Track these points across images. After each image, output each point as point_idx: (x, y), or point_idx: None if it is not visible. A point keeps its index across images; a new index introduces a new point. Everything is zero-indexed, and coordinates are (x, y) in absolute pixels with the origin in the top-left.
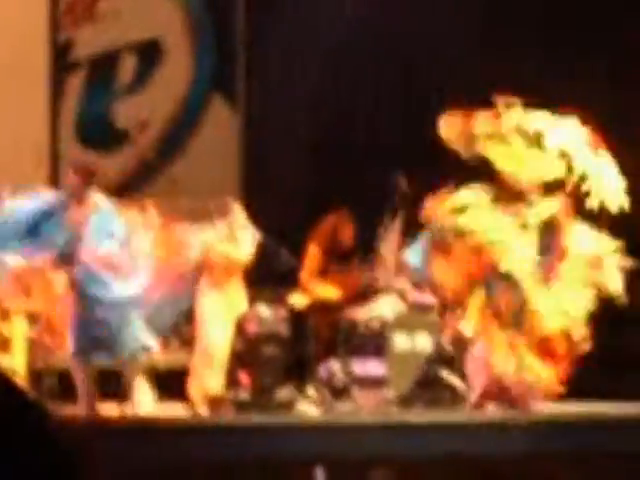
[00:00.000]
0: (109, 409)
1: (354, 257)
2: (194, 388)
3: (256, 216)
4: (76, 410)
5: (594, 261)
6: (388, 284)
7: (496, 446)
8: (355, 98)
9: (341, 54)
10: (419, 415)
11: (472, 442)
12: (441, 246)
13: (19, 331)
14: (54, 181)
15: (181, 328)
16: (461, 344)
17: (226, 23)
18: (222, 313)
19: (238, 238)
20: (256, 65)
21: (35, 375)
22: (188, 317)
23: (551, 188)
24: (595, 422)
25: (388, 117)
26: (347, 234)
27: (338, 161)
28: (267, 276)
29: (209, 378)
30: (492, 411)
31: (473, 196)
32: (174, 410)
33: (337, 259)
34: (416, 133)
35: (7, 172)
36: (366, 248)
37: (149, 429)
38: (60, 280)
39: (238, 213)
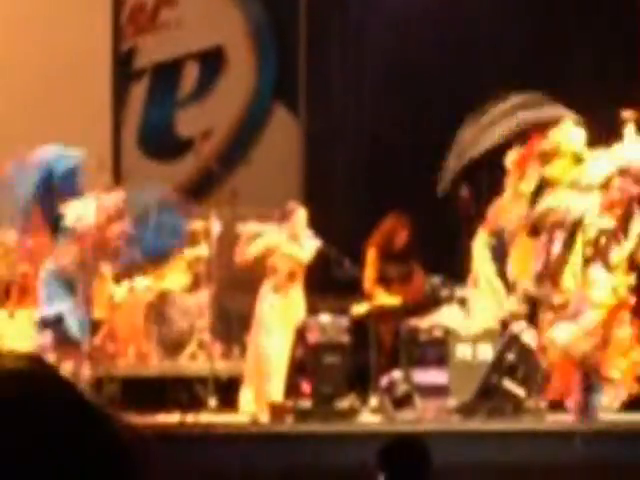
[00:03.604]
0: (170, 417)
1: (411, 259)
2: (250, 395)
3: (318, 225)
4: (137, 418)
5: None
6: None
7: (558, 455)
8: (417, 106)
9: (405, 62)
10: (481, 424)
11: (534, 451)
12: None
13: None
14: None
15: (242, 336)
16: (525, 353)
17: (288, 32)
18: (281, 319)
19: (301, 240)
20: (317, 74)
21: (97, 382)
22: (248, 325)
23: None
24: None
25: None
26: (403, 236)
27: (399, 169)
28: (329, 285)
29: (268, 385)
30: (554, 420)
31: None
32: (235, 418)
33: (394, 260)
34: None
35: None
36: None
37: (210, 436)
38: (120, 290)
39: (301, 217)
